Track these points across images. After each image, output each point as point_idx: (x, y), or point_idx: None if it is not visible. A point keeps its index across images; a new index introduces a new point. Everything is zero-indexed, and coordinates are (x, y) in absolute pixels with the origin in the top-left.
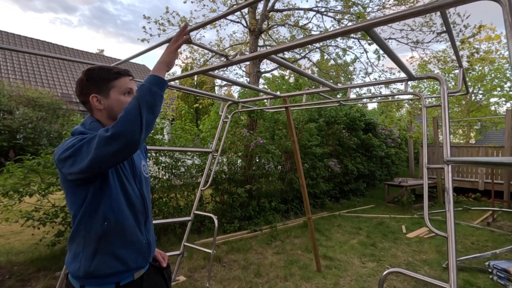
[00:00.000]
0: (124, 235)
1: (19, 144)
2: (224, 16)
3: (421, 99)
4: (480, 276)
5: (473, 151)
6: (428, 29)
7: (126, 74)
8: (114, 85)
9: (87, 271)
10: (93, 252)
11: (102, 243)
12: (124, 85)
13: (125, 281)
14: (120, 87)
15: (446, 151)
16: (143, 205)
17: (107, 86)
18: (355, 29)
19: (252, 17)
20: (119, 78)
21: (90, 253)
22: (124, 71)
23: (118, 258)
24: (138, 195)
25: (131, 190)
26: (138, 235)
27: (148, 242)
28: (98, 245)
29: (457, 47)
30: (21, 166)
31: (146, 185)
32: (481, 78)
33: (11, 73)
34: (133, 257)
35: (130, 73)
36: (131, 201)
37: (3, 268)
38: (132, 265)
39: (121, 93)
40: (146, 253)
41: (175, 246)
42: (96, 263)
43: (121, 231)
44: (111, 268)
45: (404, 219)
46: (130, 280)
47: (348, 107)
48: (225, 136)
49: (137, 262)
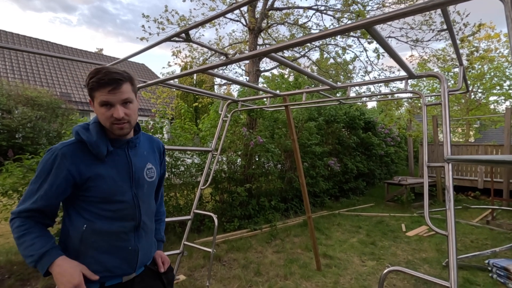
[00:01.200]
0: (105, 240)
1: (18, 143)
2: (223, 14)
3: (422, 97)
4: (480, 274)
5: (472, 150)
6: (428, 27)
7: (104, 84)
8: (94, 95)
9: None
10: (76, 254)
11: (83, 246)
12: (99, 97)
13: (110, 282)
14: (97, 97)
15: (447, 149)
16: (134, 211)
17: (91, 94)
18: (355, 27)
19: (252, 16)
20: (96, 88)
21: (73, 254)
22: (102, 81)
23: (99, 262)
24: (130, 201)
25: (121, 196)
26: (122, 241)
27: (135, 249)
28: (79, 247)
29: (458, 45)
30: (20, 165)
31: (147, 189)
32: (481, 77)
33: (9, 72)
34: (116, 263)
35: (113, 81)
36: (115, 207)
37: (2, 268)
38: (116, 271)
39: (98, 104)
40: (132, 260)
41: (175, 245)
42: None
43: (101, 236)
44: (93, 272)
45: (404, 217)
46: (118, 282)
47: (347, 106)
48: (224, 135)
49: (122, 269)
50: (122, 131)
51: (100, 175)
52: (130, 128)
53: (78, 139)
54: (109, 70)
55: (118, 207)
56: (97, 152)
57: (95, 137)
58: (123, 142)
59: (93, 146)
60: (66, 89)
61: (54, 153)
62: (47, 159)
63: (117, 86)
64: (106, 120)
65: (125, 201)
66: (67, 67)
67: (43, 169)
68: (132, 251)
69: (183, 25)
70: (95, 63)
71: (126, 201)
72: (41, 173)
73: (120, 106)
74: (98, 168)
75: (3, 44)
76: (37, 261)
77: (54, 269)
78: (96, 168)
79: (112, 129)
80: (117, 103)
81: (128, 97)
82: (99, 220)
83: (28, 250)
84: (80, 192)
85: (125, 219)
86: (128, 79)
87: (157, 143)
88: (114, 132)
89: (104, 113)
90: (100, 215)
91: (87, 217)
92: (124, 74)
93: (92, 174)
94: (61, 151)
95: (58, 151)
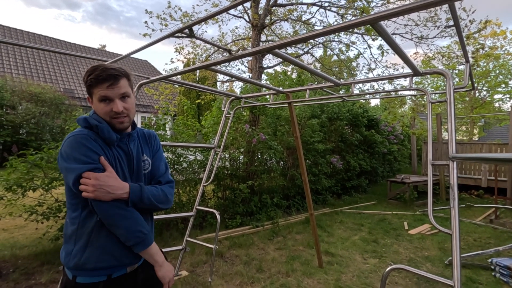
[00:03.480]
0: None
1: (22, 139)
2: (226, 10)
3: (426, 94)
4: (483, 273)
5: (476, 148)
6: (433, 24)
7: (102, 80)
8: (92, 91)
9: (77, 264)
10: (84, 245)
11: (94, 237)
12: (98, 92)
13: (117, 274)
14: (96, 93)
15: (451, 148)
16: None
17: (90, 91)
18: (361, 22)
19: (255, 12)
20: (94, 84)
21: (82, 245)
22: (100, 77)
23: (109, 252)
24: None
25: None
26: None
27: None
28: (90, 238)
29: (464, 42)
30: (24, 161)
31: (145, 181)
32: (486, 75)
33: (13, 68)
34: (123, 252)
35: (110, 77)
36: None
37: (7, 262)
38: (124, 260)
39: (97, 100)
40: None
41: (178, 241)
42: (87, 255)
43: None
44: (101, 262)
45: (406, 215)
46: (123, 273)
47: (350, 104)
48: (227, 132)
49: (129, 258)
50: (122, 124)
51: (110, 162)
52: (130, 122)
53: (87, 126)
54: (106, 67)
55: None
56: (108, 136)
57: (103, 123)
58: (124, 136)
59: (104, 130)
60: (70, 85)
61: (78, 134)
62: (72, 140)
63: (115, 82)
64: (106, 115)
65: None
66: (70, 63)
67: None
68: None
69: (186, 21)
70: (98, 59)
71: None
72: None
73: (118, 101)
74: (108, 154)
75: (7, 39)
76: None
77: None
78: (107, 153)
79: (112, 124)
80: (115, 97)
81: (126, 91)
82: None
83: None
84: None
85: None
86: (124, 75)
87: (148, 133)
88: (114, 126)
89: (104, 108)
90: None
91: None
92: (120, 70)
93: (107, 157)
94: (81, 132)
95: (79, 133)
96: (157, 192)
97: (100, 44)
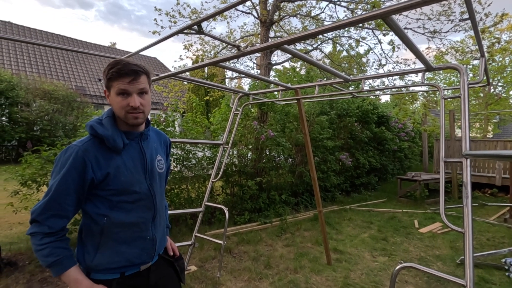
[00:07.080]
0: (125, 231)
1: (36, 135)
2: (235, 6)
3: (439, 90)
4: (496, 273)
5: (490, 145)
6: (447, 18)
7: (124, 74)
8: (112, 85)
9: (89, 265)
10: (96, 246)
11: (104, 238)
12: (117, 86)
13: (129, 272)
14: (115, 87)
15: (465, 145)
16: (151, 201)
17: (109, 84)
18: (372, 16)
19: (264, 8)
20: (115, 78)
21: (93, 247)
22: (122, 72)
23: (120, 253)
24: (146, 191)
25: (138, 187)
26: (142, 232)
27: (153, 239)
28: (100, 240)
29: (480, 35)
30: (38, 156)
31: (159, 181)
32: (502, 70)
33: (27, 66)
34: (135, 253)
35: (132, 73)
36: (133, 198)
37: (23, 254)
38: (136, 260)
39: (115, 93)
40: (150, 249)
41: (187, 236)
42: (99, 257)
43: (122, 227)
44: (112, 263)
45: (417, 214)
46: (136, 271)
47: (360, 100)
48: (235, 129)
49: (141, 258)
50: (137, 120)
51: (118, 167)
52: (144, 118)
53: (93, 134)
54: (128, 62)
55: (136, 197)
56: (114, 146)
57: (110, 131)
58: (136, 135)
59: (109, 140)
60: (81, 82)
61: (75, 150)
62: (69, 155)
63: (136, 77)
64: (122, 109)
65: (142, 191)
66: (82, 61)
67: (63, 164)
68: (150, 240)
69: (194, 18)
70: (110, 56)
71: (143, 192)
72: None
73: (136, 96)
74: (116, 160)
75: (22, 38)
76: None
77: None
78: (114, 161)
79: (127, 119)
80: (134, 92)
81: (145, 87)
82: (119, 212)
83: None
84: (100, 186)
85: (143, 210)
86: (145, 72)
87: (164, 137)
88: (128, 121)
89: (120, 101)
90: (120, 207)
91: (107, 210)
92: (142, 66)
93: (111, 167)
94: (82, 147)
95: (79, 147)
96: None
97: (110, 42)
